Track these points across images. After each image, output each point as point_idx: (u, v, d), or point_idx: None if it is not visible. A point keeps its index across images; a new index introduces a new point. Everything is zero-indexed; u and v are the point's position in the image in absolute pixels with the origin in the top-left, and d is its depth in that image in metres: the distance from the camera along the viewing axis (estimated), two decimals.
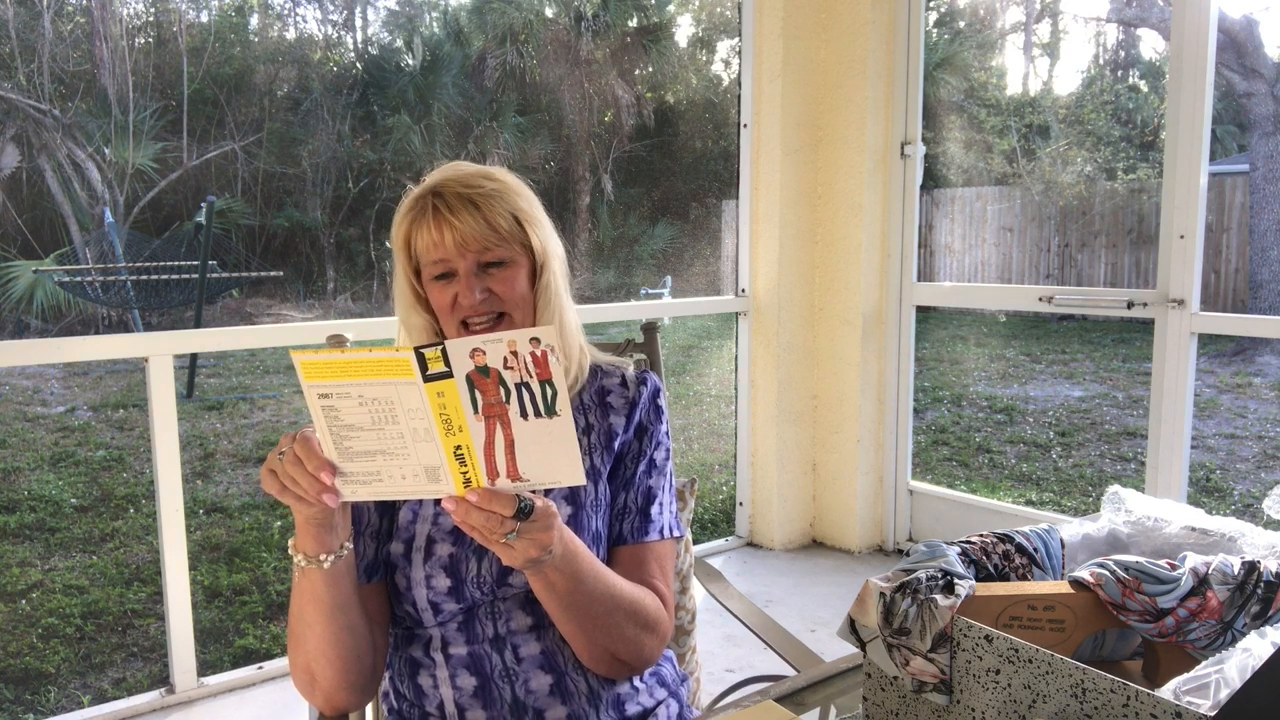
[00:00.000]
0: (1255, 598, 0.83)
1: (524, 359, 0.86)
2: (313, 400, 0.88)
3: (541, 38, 14.25)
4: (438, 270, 1.14)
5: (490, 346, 0.86)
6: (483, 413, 0.87)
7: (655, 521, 1.17)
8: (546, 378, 0.87)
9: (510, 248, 1.14)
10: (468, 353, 0.86)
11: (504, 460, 0.89)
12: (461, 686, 1.10)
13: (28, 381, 8.36)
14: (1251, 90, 9.09)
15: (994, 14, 15.02)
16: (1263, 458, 6.00)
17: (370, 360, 0.86)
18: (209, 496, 5.28)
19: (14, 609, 3.82)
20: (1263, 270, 9.22)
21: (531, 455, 0.89)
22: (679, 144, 15.13)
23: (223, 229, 11.86)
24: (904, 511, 3.68)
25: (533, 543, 0.93)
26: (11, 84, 11.52)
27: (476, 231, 1.11)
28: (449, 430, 0.87)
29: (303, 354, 0.87)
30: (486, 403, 0.87)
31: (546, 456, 0.89)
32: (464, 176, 1.15)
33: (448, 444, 0.88)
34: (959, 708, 0.80)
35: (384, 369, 0.86)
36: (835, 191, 3.58)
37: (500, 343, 0.86)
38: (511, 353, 0.86)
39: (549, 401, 0.87)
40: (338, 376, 0.87)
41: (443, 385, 0.86)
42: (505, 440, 0.88)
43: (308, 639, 1.04)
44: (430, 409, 0.87)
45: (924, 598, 0.81)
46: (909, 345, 3.60)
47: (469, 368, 0.86)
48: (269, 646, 3.32)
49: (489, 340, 0.86)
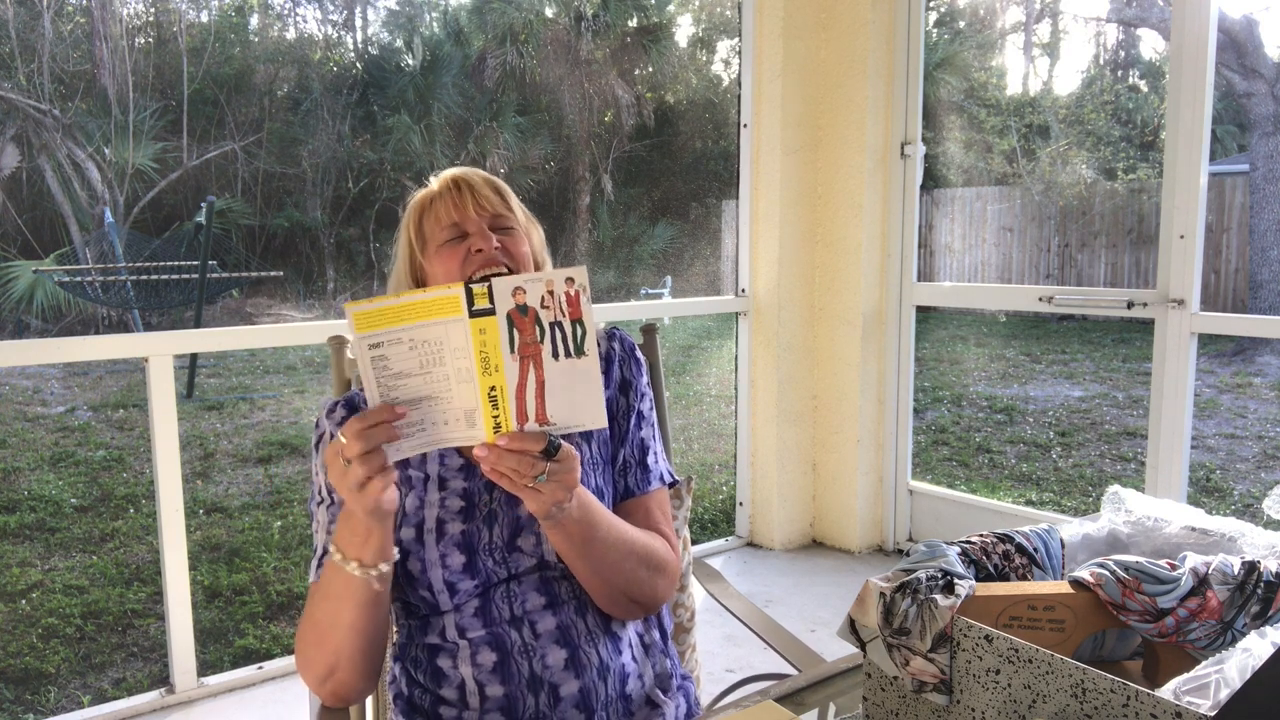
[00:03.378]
0: (1255, 598, 0.83)
1: (559, 298, 0.93)
2: (362, 353, 0.93)
3: (541, 38, 14.25)
4: (449, 234, 1.19)
5: (531, 285, 0.93)
6: (519, 352, 0.93)
7: (653, 470, 1.25)
8: (578, 316, 0.93)
9: (514, 221, 1.23)
10: (510, 290, 0.92)
11: (534, 403, 0.94)
12: (481, 663, 1.12)
13: (28, 381, 8.36)
14: (1251, 90, 9.09)
15: (994, 14, 15.02)
16: (1263, 458, 6.00)
17: (423, 301, 0.92)
18: (209, 496, 5.27)
19: (14, 609, 3.82)
20: (1263, 270, 9.22)
21: (559, 398, 0.94)
22: (679, 144, 15.14)
23: (223, 229, 11.86)
24: (904, 511, 3.68)
25: (560, 484, 0.98)
26: (11, 84, 11.52)
27: (493, 201, 1.21)
28: (486, 369, 0.93)
29: (356, 304, 0.92)
30: (523, 342, 0.93)
31: (572, 399, 0.94)
32: (478, 170, 1.26)
33: (484, 384, 0.93)
34: (959, 708, 0.80)
35: (435, 308, 0.92)
36: (835, 191, 3.58)
37: (539, 282, 0.93)
38: (548, 292, 0.93)
39: (578, 341, 0.94)
40: (391, 323, 0.92)
41: (485, 322, 0.92)
42: (536, 381, 0.94)
43: (335, 639, 1.05)
44: (472, 346, 0.92)
45: (924, 598, 0.81)
46: (909, 345, 3.60)
47: (510, 305, 0.92)
48: (269, 646, 3.31)
49: (530, 279, 0.93)
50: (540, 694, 1.11)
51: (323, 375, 8.75)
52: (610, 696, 1.13)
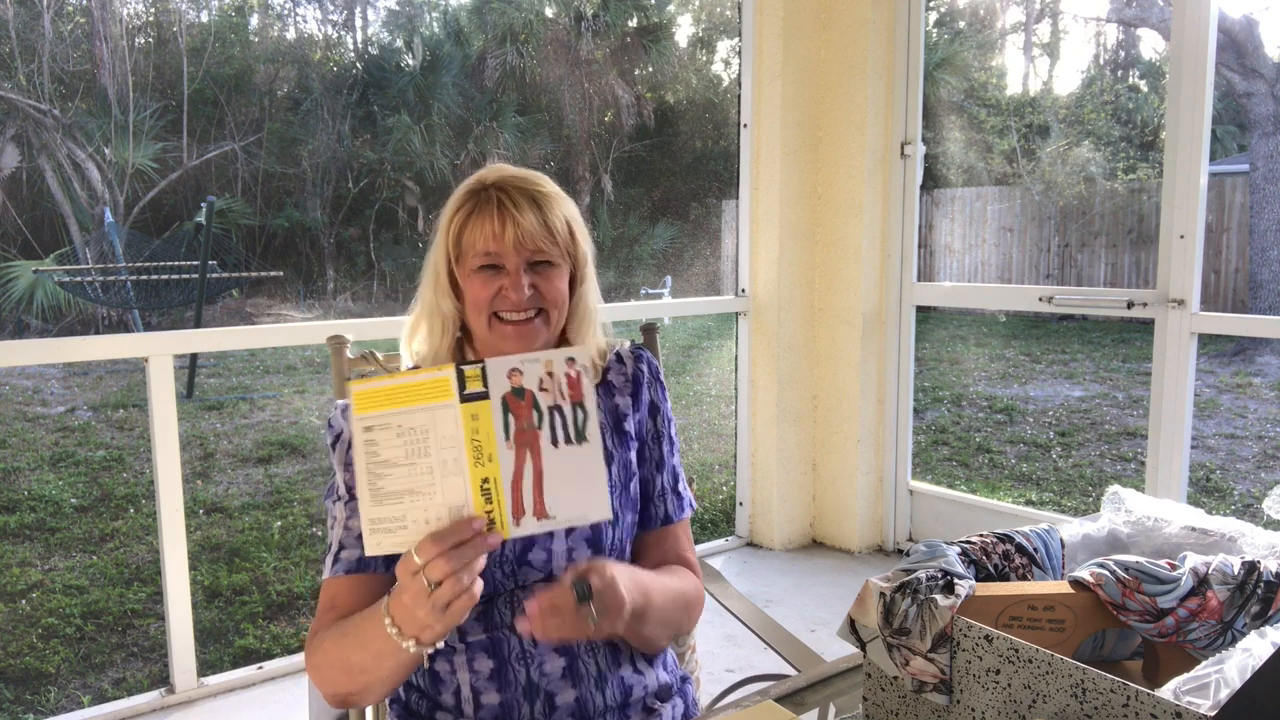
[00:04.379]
0: (1255, 598, 0.83)
1: (559, 380, 0.88)
2: (357, 435, 0.88)
3: (541, 38, 14.25)
4: (485, 261, 1.15)
5: (528, 367, 0.88)
6: (514, 439, 0.87)
7: (684, 497, 1.28)
8: (579, 399, 0.89)
9: (559, 251, 1.17)
10: (505, 372, 0.88)
11: (531, 495, 0.88)
12: (479, 670, 1.12)
13: (28, 381, 8.36)
14: (1251, 90, 9.09)
15: (994, 14, 15.03)
16: (1263, 458, 6.00)
17: (414, 384, 0.88)
18: (209, 496, 5.27)
19: (14, 609, 3.82)
20: (1263, 270, 9.22)
21: (559, 489, 0.88)
22: (679, 144, 15.14)
23: (223, 229, 11.86)
24: (904, 511, 3.68)
25: (613, 611, 0.99)
26: (11, 84, 11.52)
27: (535, 230, 1.14)
28: (478, 459, 0.87)
29: (359, 384, 0.89)
30: (519, 428, 0.87)
31: (574, 489, 0.88)
32: (523, 175, 1.19)
33: (475, 475, 0.87)
34: (959, 708, 0.80)
35: (426, 392, 0.87)
36: (835, 191, 3.58)
37: (538, 363, 0.88)
38: (548, 374, 0.88)
39: (579, 426, 0.88)
40: (383, 405, 0.88)
41: (478, 407, 0.87)
42: (534, 472, 0.88)
43: (366, 680, 1.02)
44: (463, 434, 0.87)
45: (924, 598, 0.81)
46: (909, 345, 3.60)
47: (505, 388, 0.88)
48: (269, 646, 3.31)
49: (527, 360, 0.88)
50: (536, 702, 1.10)
51: (323, 375, 8.75)
52: (607, 707, 1.13)
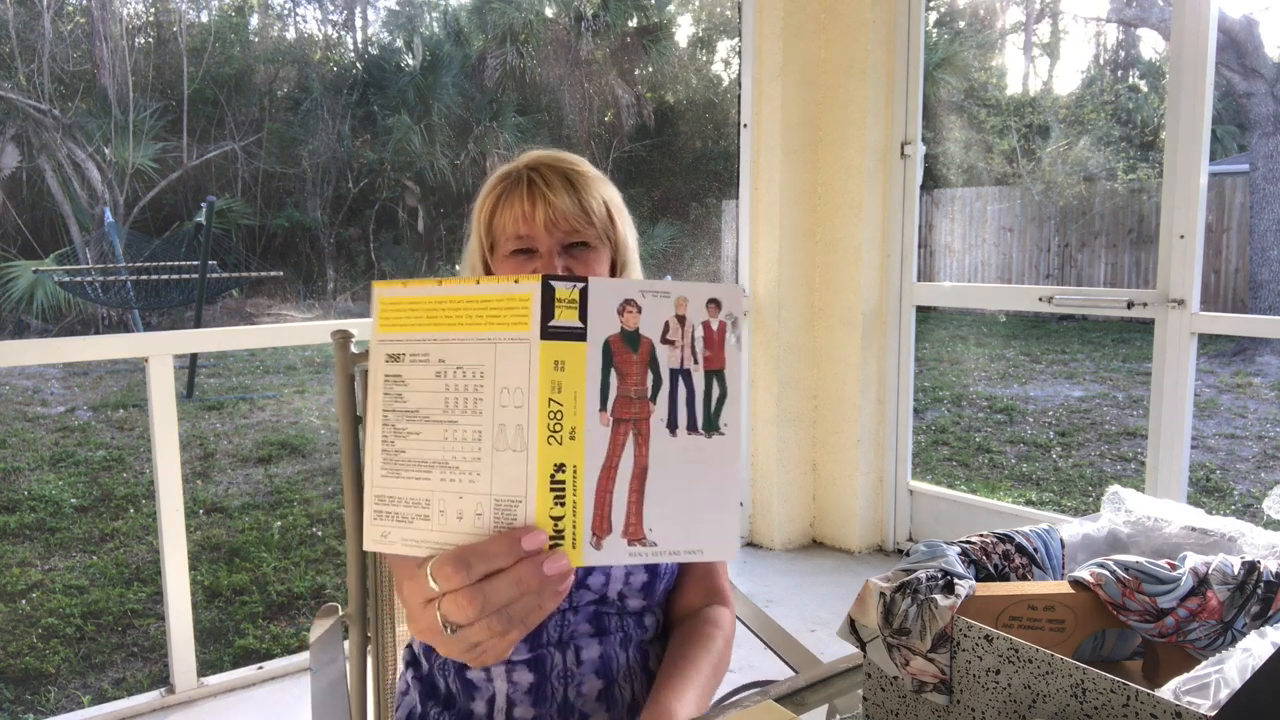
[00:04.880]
0: (1255, 598, 0.83)
1: (693, 330, 0.60)
2: (377, 368, 0.62)
3: (541, 38, 14.25)
4: (516, 246, 1.08)
5: (651, 301, 0.59)
6: (613, 410, 0.58)
7: None
8: (719, 366, 0.61)
9: (596, 233, 1.10)
10: (616, 304, 0.58)
11: (625, 505, 0.58)
12: (517, 681, 1.09)
13: (28, 381, 8.36)
14: (1251, 90, 9.09)
15: (994, 14, 15.03)
16: (1263, 458, 6.00)
17: (473, 297, 0.59)
18: (209, 496, 5.27)
19: (14, 609, 3.82)
20: (1263, 270, 9.22)
21: (668, 502, 0.59)
22: (679, 144, 15.13)
23: (223, 229, 11.86)
24: (904, 511, 3.68)
25: None
26: (11, 84, 11.52)
27: (569, 210, 1.06)
28: (554, 434, 0.57)
29: (386, 286, 0.63)
30: (623, 394, 0.59)
31: (690, 506, 0.60)
32: (557, 155, 1.13)
33: (545, 458, 0.57)
34: (959, 708, 0.80)
35: (490, 311, 0.58)
36: (835, 191, 3.58)
37: (666, 298, 0.60)
38: (678, 317, 0.60)
39: (713, 407, 0.61)
40: (421, 324, 0.61)
41: (567, 350, 0.57)
42: (635, 468, 0.59)
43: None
44: (538, 388, 0.57)
45: (924, 598, 0.81)
46: (909, 345, 3.60)
47: (613, 329, 0.58)
48: (269, 646, 3.31)
49: (652, 289, 0.60)
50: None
51: (323, 375, 8.75)
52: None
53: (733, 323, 0.61)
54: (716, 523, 0.60)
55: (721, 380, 0.61)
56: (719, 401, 0.61)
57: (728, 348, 0.61)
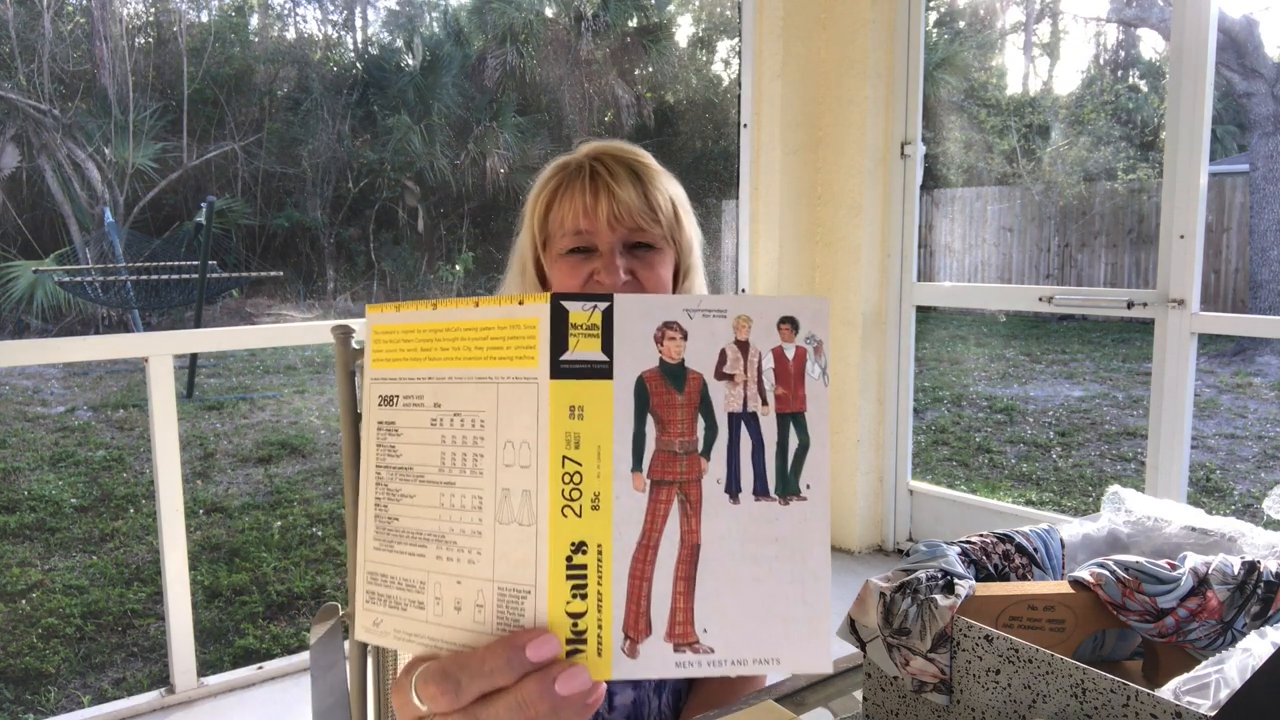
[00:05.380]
0: (1255, 598, 0.83)
1: (758, 359, 0.45)
2: (370, 408, 0.50)
3: (541, 38, 14.25)
4: (574, 244, 0.96)
5: (701, 322, 0.45)
6: (651, 470, 0.44)
7: None
8: (797, 408, 0.46)
9: (662, 232, 0.99)
10: (654, 327, 0.44)
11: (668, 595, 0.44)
12: None
13: (28, 381, 8.36)
14: (1251, 90, 9.09)
15: (994, 14, 15.03)
16: (1263, 458, 6.00)
17: (475, 323, 0.46)
18: (209, 496, 5.27)
19: (14, 609, 3.82)
20: (1263, 270, 9.22)
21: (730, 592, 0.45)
22: (679, 144, 15.13)
23: (223, 229, 11.87)
24: (904, 511, 3.68)
25: None
26: (11, 84, 11.52)
27: (634, 205, 0.96)
28: (570, 503, 0.44)
29: (381, 312, 0.50)
30: (664, 449, 0.45)
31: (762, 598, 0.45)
32: (621, 146, 1.03)
33: (559, 536, 0.43)
34: (959, 708, 0.80)
35: (492, 341, 0.45)
36: (835, 191, 3.58)
37: (723, 317, 0.45)
38: (739, 342, 0.45)
39: (790, 463, 0.46)
40: (416, 358, 0.48)
41: (586, 391, 0.44)
42: (683, 545, 0.44)
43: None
44: (548, 443, 0.44)
45: (924, 598, 0.81)
46: (909, 345, 3.60)
47: (649, 361, 0.44)
48: (269, 646, 3.31)
49: (701, 308, 0.45)
50: None
51: (323, 375, 8.75)
52: None
53: (815, 348, 0.45)
54: (799, 620, 0.44)
55: (802, 426, 0.45)
56: (799, 454, 0.45)
57: (809, 383, 0.45)
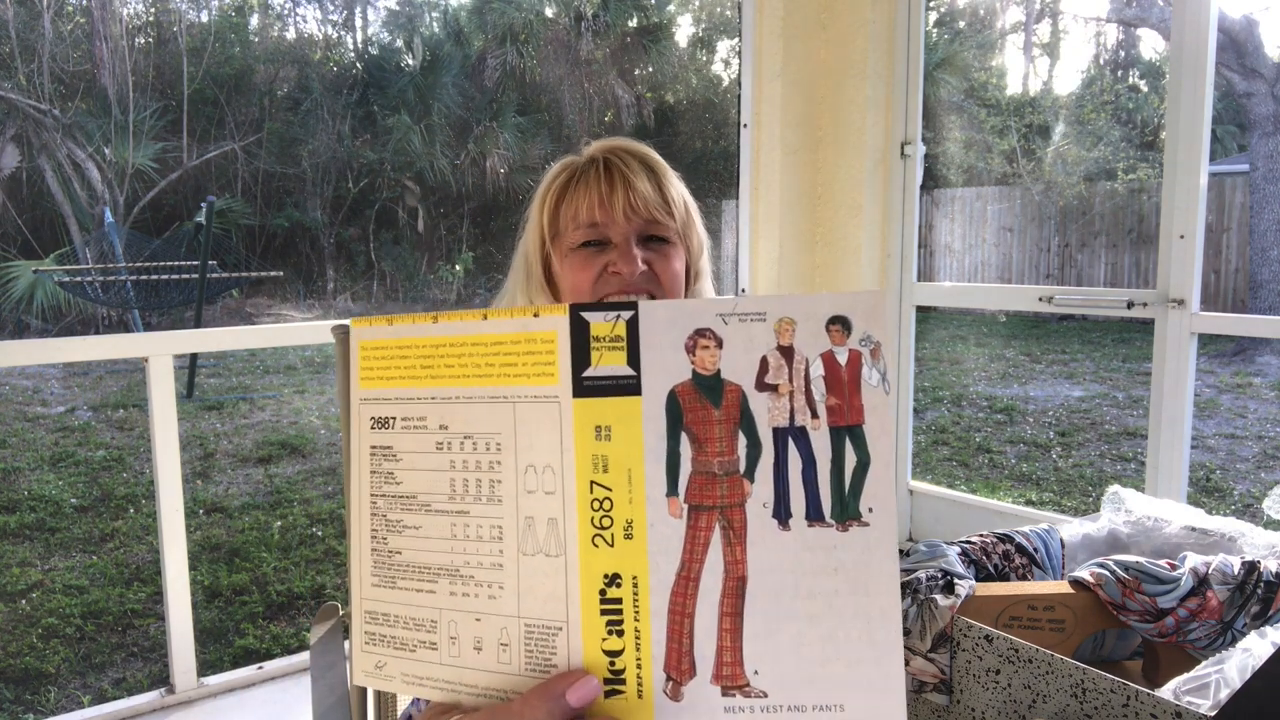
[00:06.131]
0: (1255, 598, 0.83)
1: (804, 367, 0.41)
2: (358, 433, 0.45)
3: (541, 38, 14.25)
4: (587, 236, 0.94)
5: (738, 327, 0.40)
6: (688, 495, 0.40)
7: None
8: (854, 420, 0.41)
9: (675, 228, 0.99)
10: (685, 335, 0.40)
11: (713, 631, 0.40)
12: None
13: (28, 381, 8.36)
14: (1251, 90, 9.09)
15: (994, 14, 15.02)
16: (1263, 458, 6.00)
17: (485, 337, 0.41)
18: (209, 496, 5.27)
19: (14, 609, 3.82)
20: (1263, 270, 9.21)
21: (783, 629, 0.39)
22: (679, 144, 15.13)
23: (223, 229, 11.86)
24: (904, 511, 3.68)
25: None
26: (11, 84, 11.52)
27: (650, 197, 0.95)
28: (601, 531, 0.40)
29: (367, 326, 0.46)
30: (701, 470, 0.40)
31: (821, 637, 0.40)
32: (633, 144, 1.02)
33: (591, 567, 0.40)
34: (959, 708, 0.80)
35: (505, 357, 0.41)
36: (835, 191, 3.58)
37: (762, 320, 0.40)
38: (782, 347, 0.41)
39: (849, 484, 0.40)
40: (415, 376, 0.43)
41: (613, 409, 0.40)
42: (728, 577, 0.40)
43: None
44: (574, 467, 0.40)
45: (924, 598, 0.81)
46: (909, 345, 3.60)
47: (682, 374, 0.40)
48: (269, 646, 3.31)
49: (738, 312, 0.40)
50: None
51: (323, 375, 8.75)
52: None
53: (871, 350, 0.41)
54: (866, 663, 0.39)
55: (860, 441, 0.40)
56: (857, 473, 0.40)
57: (866, 390, 0.41)
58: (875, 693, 0.39)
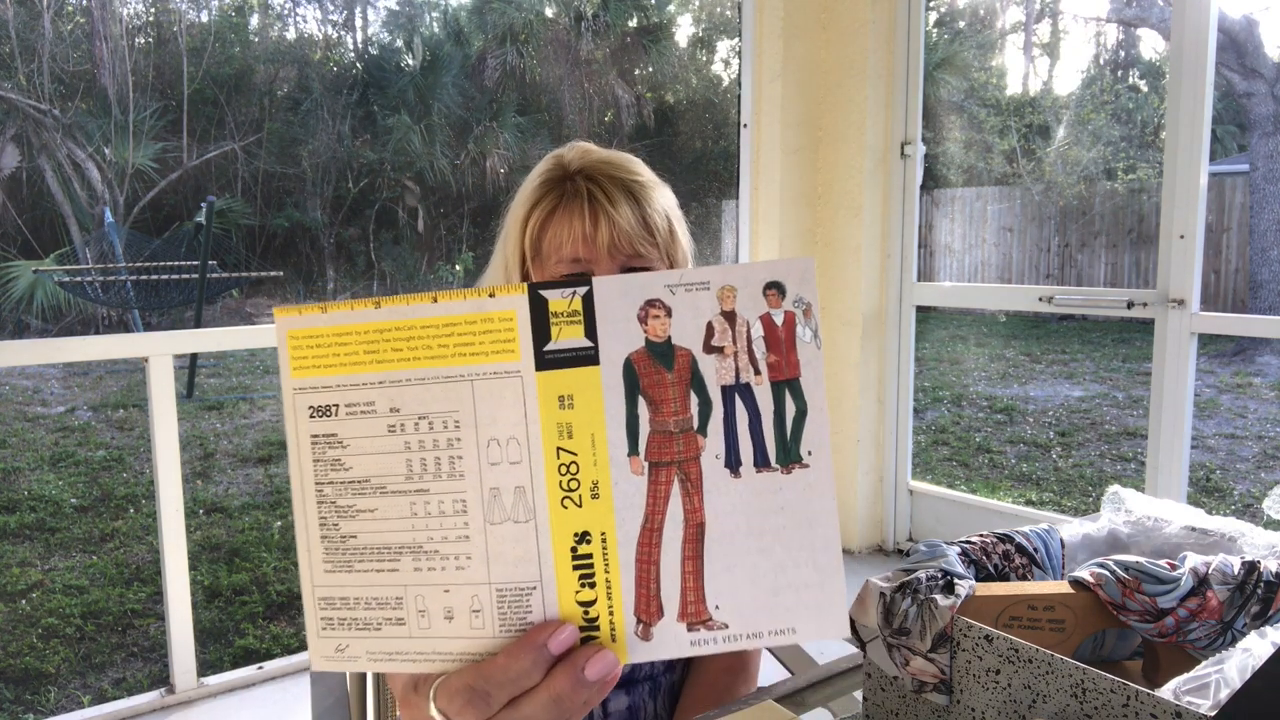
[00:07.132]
0: (1255, 598, 0.83)
1: (746, 328, 0.45)
2: (296, 420, 0.46)
3: (541, 38, 14.25)
4: (570, 269, 0.94)
5: (684, 296, 0.44)
6: (648, 453, 0.44)
7: None
8: (791, 374, 0.46)
9: (658, 253, 0.98)
10: (636, 307, 0.44)
11: (677, 575, 0.44)
12: None
13: (28, 381, 8.36)
14: (1251, 90, 9.09)
15: (994, 14, 15.03)
16: (1263, 458, 6.00)
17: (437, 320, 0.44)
18: (209, 496, 5.27)
19: (14, 609, 3.82)
20: (1263, 270, 9.22)
21: (740, 566, 0.44)
22: (679, 144, 15.14)
23: (223, 229, 11.87)
24: (904, 511, 3.68)
25: None
26: (11, 84, 11.52)
27: (633, 231, 0.94)
28: (569, 494, 0.44)
29: (294, 315, 0.47)
30: (659, 429, 0.44)
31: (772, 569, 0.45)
32: (613, 161, 1.00)
33: (562, 527, 0.44)
34: (959, 708, 0.80)
35: (461, 338, 0.44)
36: (835, 191, 3.58)
37: (706, 289, 0.44)
38: (725, 313, 0.45)
39: (790, 431, 0.45)
40: (358, 363, 0.45)
41: (574, 379, 0.44)
42: (687, 525, 0.44)
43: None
44: (540, 436, 0.44)
45: (924, 598, 0.81)
46: (909, 345, 3.60)
47: (636, 342, 0.44)
48: (269, 646, 3.31)
49: (683, 282, 0.44)
50: None
51: None
52: None
53: (804, 310, 0.45)
54: (812, 587, 0.44)
55: (798, 392, 0.45)
56: (797, 421, 0.45)
57: (800, 346, 0.45)
58: (821, 613, 0.45)
